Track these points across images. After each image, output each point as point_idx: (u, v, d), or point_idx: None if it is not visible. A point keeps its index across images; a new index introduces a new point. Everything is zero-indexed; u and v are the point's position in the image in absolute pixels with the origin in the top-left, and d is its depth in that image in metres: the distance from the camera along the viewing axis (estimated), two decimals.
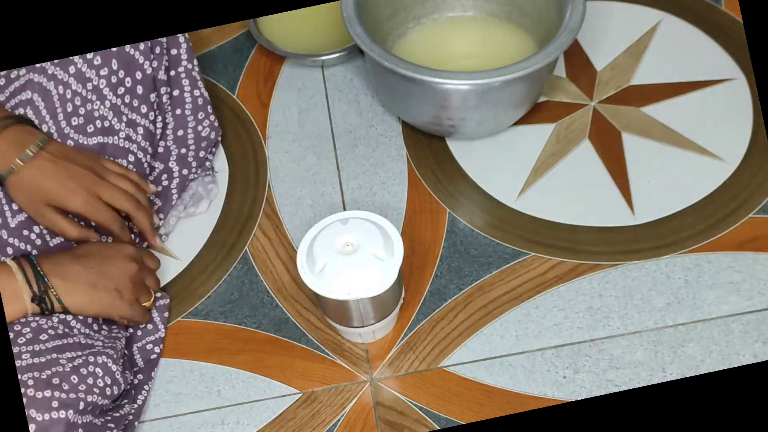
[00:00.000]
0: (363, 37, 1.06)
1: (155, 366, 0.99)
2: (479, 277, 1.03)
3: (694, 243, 1.03)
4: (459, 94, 1.05)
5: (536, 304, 1.00)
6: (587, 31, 1.24)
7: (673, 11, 1.26)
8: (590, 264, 1.02)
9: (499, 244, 1.05)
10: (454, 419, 0.93)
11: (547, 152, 1.13)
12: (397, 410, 0.94)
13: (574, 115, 1.17)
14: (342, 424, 0.94)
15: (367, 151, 1.16)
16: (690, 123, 1.14)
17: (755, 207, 1.05)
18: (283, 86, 1.24)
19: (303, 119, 1.20)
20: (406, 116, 1.16)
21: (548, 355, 0.96)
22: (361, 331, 0.95)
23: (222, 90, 1.24)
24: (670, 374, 0.94)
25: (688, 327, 0.97)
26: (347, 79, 1.24)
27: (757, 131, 1.12)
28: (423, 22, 1.23)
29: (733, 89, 1.17)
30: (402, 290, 0.96)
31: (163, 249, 1.07)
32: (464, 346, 0.98)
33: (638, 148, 1.12)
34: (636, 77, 1.20)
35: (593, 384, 0.94)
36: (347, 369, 0.97)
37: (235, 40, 1.30)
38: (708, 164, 1.10)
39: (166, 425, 0.95)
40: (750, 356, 0.94)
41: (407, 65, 1.03)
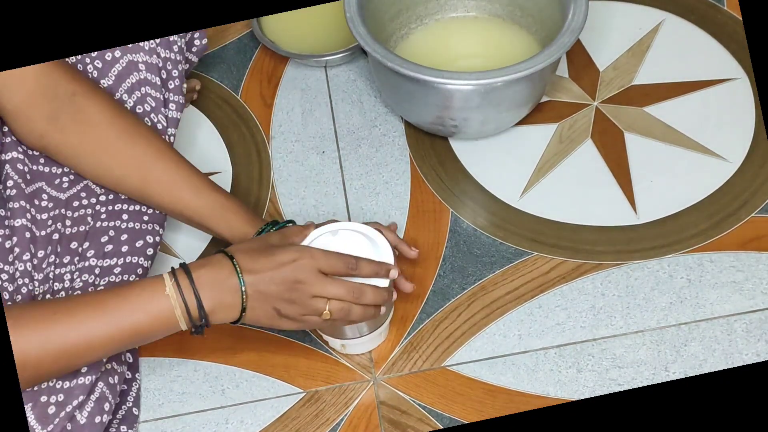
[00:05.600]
0: (366, 38, 1.07)
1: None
2: (482, 276, 1.03)
3: (696, 242, 1.03)
4: (462, 94, 1.05)
5: (539, 304, 1.00)
6: (590, 31, 1.24)
7: (675, 11, 1.26)
8: (593, 263, 1.03)
9: (502, 243, 1.05)
10: (457, 418, 0.93)
11: (550, 152, 1.14)
12: (400, 409, 0.94)
13: (576, 115, 1.17)
14: (345, 423, 0.94)
15: (370, 151, 1.16)
16: (692, 123, 1.14)
17: (758, 206, 1.05)
18: (287, 87, 1.25)
19: (306, 119, 1.21)
20: (409, 116, 1.16)
21: (551, 355, 0.96)
22: (345, 342, 0.96)
23: (225, 90, 1.25)
24: (673, 373, 0.94)
25: (691, 326, 0.97)
26: (350, 79, 1.25)
27: (760, 131, 1.12)
28: (426, 22, 1.23)
29: (735, 89, 1.17)
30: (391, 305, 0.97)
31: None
32: (467, 345, 0.98)
33: (641, 148, 1.12)
34: (638, 77, 1.20)
35: (596, 383, 0.94)
36: (350, 368, 0.98)
37: (239, 41, 1.31)
38: (710, 164, 1.10)
39: (170, 424, 0.96)
40: (752, 355, 0.94)
41: (410, 65, 1.03)
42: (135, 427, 0.94)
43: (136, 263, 0.97)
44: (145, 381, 0.99)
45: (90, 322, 0.82)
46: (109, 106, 0.98)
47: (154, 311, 0.83)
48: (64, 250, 0.96)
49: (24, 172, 0.98)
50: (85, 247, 0.96)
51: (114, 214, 0.98)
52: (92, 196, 1.00)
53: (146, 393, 0.98)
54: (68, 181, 1.01)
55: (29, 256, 0.94)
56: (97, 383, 0.88)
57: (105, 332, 0.82)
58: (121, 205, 0.99)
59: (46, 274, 0.94)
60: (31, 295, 0.92)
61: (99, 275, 0.95)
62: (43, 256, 0.95)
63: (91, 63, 1.03)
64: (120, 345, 0.84)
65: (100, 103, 0.97)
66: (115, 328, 0.82)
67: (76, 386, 0.86)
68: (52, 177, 1.00)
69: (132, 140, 0.97)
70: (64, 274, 0.94)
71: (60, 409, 0.85)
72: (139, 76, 1.04)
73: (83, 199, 1.00)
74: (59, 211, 0.98)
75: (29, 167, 0.99)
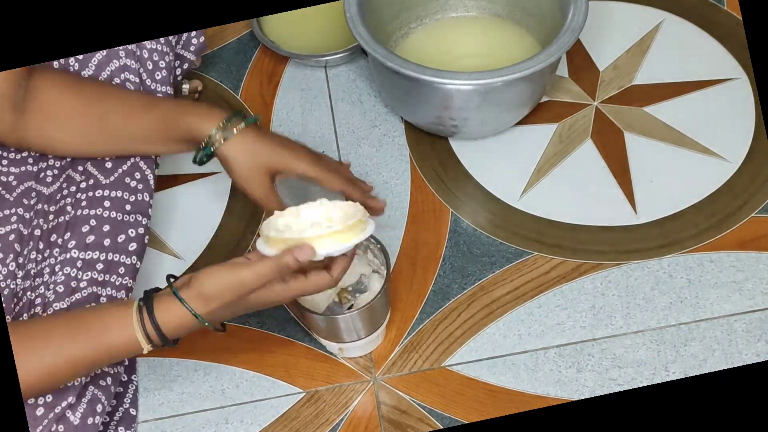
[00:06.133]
0: (366, 38, 1.07)
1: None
2: (482, 276, 1.03)
3: (696, 242, 1.03)
4: (462, 94, 1.05)
5: (539, 304, 1.00)
6: (589, 31, 1.24)
7: (675, 11, 1.26)
8: (593, 263, 1.03)
9: (502, 243, 1.05)
10: (457, 418, 0.93)
11: (550, 152, 1.14)
12: (400, 409, 0.94)
13: (576, 115, 1.17)
14: (345, 423, 0.94)
15: (370, 151, 1.16)
16: (692, 122, 1.14)
17: (758, 206, 1.05)
18: (287, 86, 1.25)
19: (306, 119, 1.21)
20: (410, 116, 1.16)
21: (551, 355, 0.96)
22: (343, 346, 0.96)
23: (225, 90, 1.25)
24: (673, 373, 0.94)
25: (691, 326, 0.97)
26: (350, 79, 1.25)
27: (760, 131, 1.12)
28: (426, 22, 1.23)
29: (735, 89, 1.17)
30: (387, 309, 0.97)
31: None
32: (467, 345, 0.98)
33: (641, 148, 1.12)
34: (638, 77, 1.20)
35: (596, 383, 0.94)
36: (351, 368, 0.98)
37: (239, 41, 1.31)
38: (710, 164, 1.10)
39: (170, 424, 0.96)
40: (752, 355, 0.94)
41: (410, 65, 1.03)
42: (133, 427, 0.94)
43: (118, 261, 0.95)
44: (145, 381, 0.99)
45: (69, 343, 0.82)
46: (62, 76, 0.99)
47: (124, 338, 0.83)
48: (45, 243, 0.96)
49: (8, 182, 1.00)
50: (66, 237, 0.95)
51: (95, 201, 0.98)
52: (72, 185, 0.99)
53: (146, 393, 0.98)
54: (52, 175, 1.01)
55: (13, 257, 0.94)
56: (87, 387, 0.88)
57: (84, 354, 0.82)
58: (102, 191, 0.99)
59: (27, 271, 0.94)
60: (14, 293, 0.93)
61: (81, 269, 0.94)
62: (26, 254, 0.95)
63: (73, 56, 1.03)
64: (100, 364, 0.85)
65: (52, 77, 0.98)
66: (94, 349, 0.83)
67: (65, 388, 0.86)
68: (38, 173, 1.01)
69: (79, 91, 0.98)
70: (44, 268, 0.94)
71: (49, 410, 0.85)
72: (119, 63, 1.04)
73: (64, 190, 0.99)
74: (42, 206, 0.98)
75: (16, 172, 1.01)
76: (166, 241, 1.10)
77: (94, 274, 0.94)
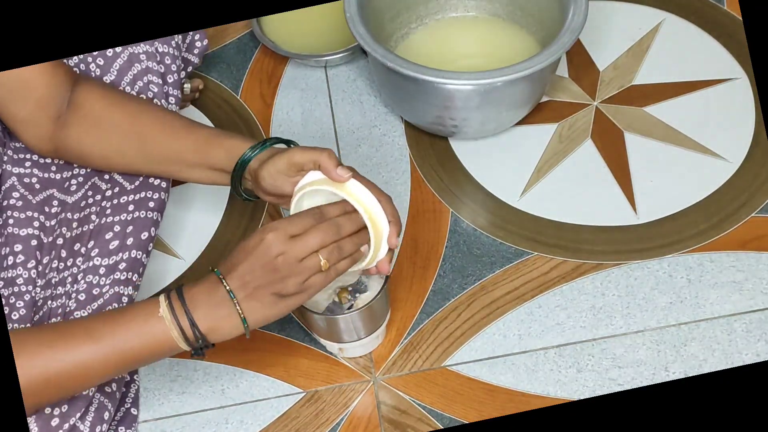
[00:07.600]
0: (366, 38, 1.07)
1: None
2: (482, 276, 1.03)
3: (696, 242, 1.03)
4: (462, 94, 1.05)
5: (539, 304, 1.00)
6: (590, 31, 1.24)
7: (675, 11, 1.26)
8: (593, 263, 1.03)
9: (502, 243, 1.05)
10: (457, 418, 0.93)
11: (550, 152, 1.14)
12: (400, 409, 0.94)
13: (576, 115, 1.17)
14: (345, 423, 0.94)
15: (370, 151, 1.16)
16: (692, 122, 1.14)
17: (758, 206, 1.05)
18: (287, 86, 1.25)
19: (306, 119, 1.21)
20: (409, 116, 1.16)
21: (551, 355, 0.96)
22: (343, 346, 0.96)
23: (225, 90, 1.25)
24: (673, 373, 0.94)
25: (691, 326, 0.97)
26: (350, 79, 1.25)
27: (760, 131, 1.12)
28: (426, 22, 1.24)
29: (735, 89, 1.17)
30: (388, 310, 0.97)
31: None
32: (467, 345, 0.98)
33: (641, 148, 1.12)
34: (638, 77, 1.20)
35: (596, 383, 0.94)
36: (351, 368, 0.98)
37: (239, 41, 1.31)
38: (710, 164, 1.10)
39: (170, 424, 0.96)
40: (752, 355, 0.94)
41: (410, 65, 1.03)
42: (134, 426, 0.94)
43: (140, 259, 0.96)
44: (145, 381, 0.99)
45: (85, 349, 0.80)
46: (109, 90, 0.99)
47: (148, 335, 0.81)
48: (68, 252, 0.96)
49: (31, 184, 0.99)
50: (89, 246, 0.96)
51: (119, 208, 0.98)
52: (98, 193, 1.00)
53: (146, 393, 0.98)
54: (77, 183, 1.01)
55: (34, 264, 0.94)
56: (94, 395, 0.88)
57: (100, 360, 0.81)
58: (127, 197, 0.99)
59: (48, 280, 0.94)
60: (33, 301, 0.92)
61: (104, 275, 0.94)
62: (47, 262, 0.95)
63: (93, 62, 1.03)
64: (116, 370, 0.83)
65: (93, 89, 0.98)
66: (111, 354, 0.81)
67: (80, 397, 0.86)
68: (62, 182, 1.01)
69: (123, 107, 0.98)
70: (66, 277, 0.94)
71: (64, 420, 0.85)
72: (141, 66, 1.05)
73: (89, 198, 0.99)
74: (65, 215, 0.98)
75: (40, 176, 1.01)
76: (166, 240, 1.10)
77: (116, 275, 0.94)
